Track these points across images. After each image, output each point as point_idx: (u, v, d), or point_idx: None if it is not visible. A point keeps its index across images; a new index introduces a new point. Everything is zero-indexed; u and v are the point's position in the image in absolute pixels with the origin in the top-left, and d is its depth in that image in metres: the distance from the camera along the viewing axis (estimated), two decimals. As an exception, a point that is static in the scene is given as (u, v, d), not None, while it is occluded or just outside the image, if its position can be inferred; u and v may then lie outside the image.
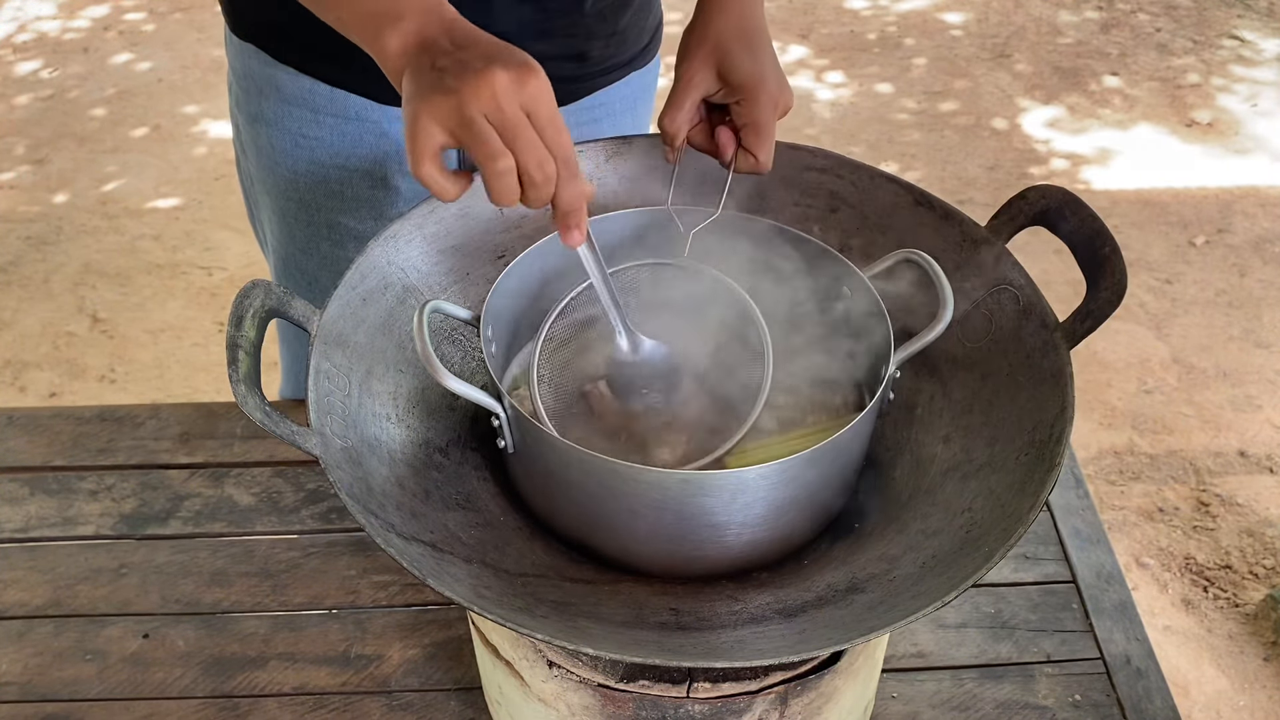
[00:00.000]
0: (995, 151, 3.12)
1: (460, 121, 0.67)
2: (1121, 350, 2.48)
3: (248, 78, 1.09)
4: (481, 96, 0.66)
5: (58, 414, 1.24)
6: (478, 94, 0.66)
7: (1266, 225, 2.86)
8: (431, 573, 0.70)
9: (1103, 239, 0.82)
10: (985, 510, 0.77)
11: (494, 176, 0.69)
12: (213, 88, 3.36)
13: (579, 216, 0.73)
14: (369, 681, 1.01)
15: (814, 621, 0.74)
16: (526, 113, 0.68)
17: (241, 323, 0.75)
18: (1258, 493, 2.16)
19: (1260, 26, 3.68)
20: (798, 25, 3.70)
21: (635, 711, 0.79)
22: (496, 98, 0.67)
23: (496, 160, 0.68)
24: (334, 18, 0.79)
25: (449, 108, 0.67)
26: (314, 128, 1.08)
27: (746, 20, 0.89)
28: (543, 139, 0.69)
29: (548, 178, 0.70)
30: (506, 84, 0.67)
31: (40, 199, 2.94)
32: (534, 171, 0.69)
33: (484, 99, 0.66)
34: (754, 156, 0.88)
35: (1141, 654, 1.03)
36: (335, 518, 1.14)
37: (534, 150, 0.68)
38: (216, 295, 2.62)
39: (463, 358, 0.93)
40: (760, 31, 0.90)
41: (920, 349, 0.80)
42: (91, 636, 1.05)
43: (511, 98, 0.67)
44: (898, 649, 1.04)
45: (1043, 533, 1.14)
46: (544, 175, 0.69)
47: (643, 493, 0.74)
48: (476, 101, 0.66)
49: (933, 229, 0.91)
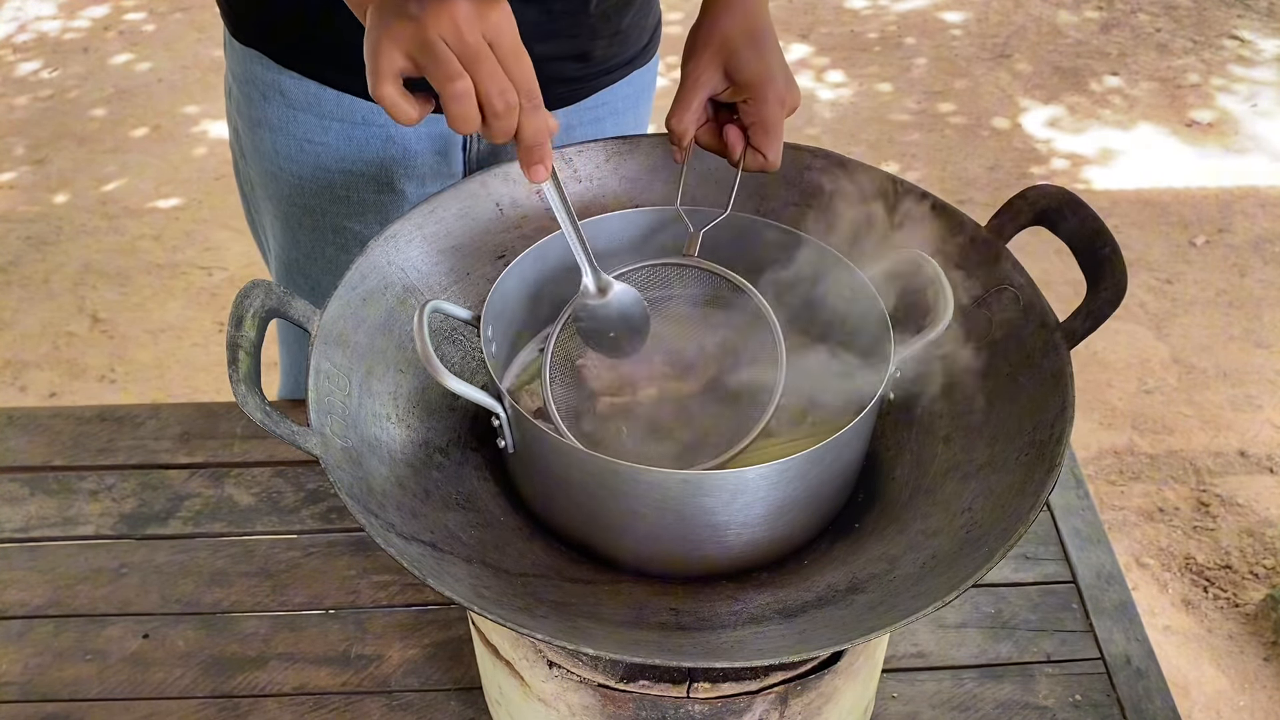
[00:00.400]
0: (995, 151, 3.12)
1: (419, 45, 0.68)
2: (1121, 350, 2.48)
3: (250, 83, 1.08)
4: (442, 22, 0.67)
5: (58, 414, 1.24)
6: (438, 19, 0.67)
7: (1266, 225, 2.86)
8: (431, 573, 0.70)
9: (1103, 239, 0.82)
10: (985, 510, 0.77)
11: (451, 99, 0.69)
12: (213, 88, 3.36)
13: (543, 150, 0.73)
14: (369, 681, 1.01)
15: (814, 621, 0.74)
16: (489, 42, 0.68)
17: (241, 323, 0.75)
18: (1258, 493, 2.16)
19: (1260, 26, 3.68)
20: (798, 25, 3.70)
21: (635, 711, 0.79)
22: (457, 23, 0.67)
23: (454, 81, 0.68)
24: None
25: (409, 32, 0.68)
26: (320, 133, 1.07)
27: (752, 19, 0.89)
28: (505, 68, 0.69)
29: (509, 106, 0.70)
30: (468, 11, 0.67)
31: (40, 199, 2.94)
32: (495, 100, 0.69)
33: (444, 24, 0.67)
34: (762, 155, 0.88)
35: (1141, 654, 1.03)
36: (335, 518, 1.14)
37: (495, 78, 0.69)
38: (216, 295, 2.62)
39: (463, 358, 0.93)
40: (766, 30, 0.90)
41: (920, 349, 0.80)
42: (91, 636, 1.05)
43: (473, 24, 0.67)
44: (898, 649, 1.04)
45: (1043, 533, 1.14)
46: (505, 104, 0.69)
47: (643, 493, 0.74)
48: (436, 26, 0.67)
49: (933, 229, 0.91)
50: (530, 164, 0.74)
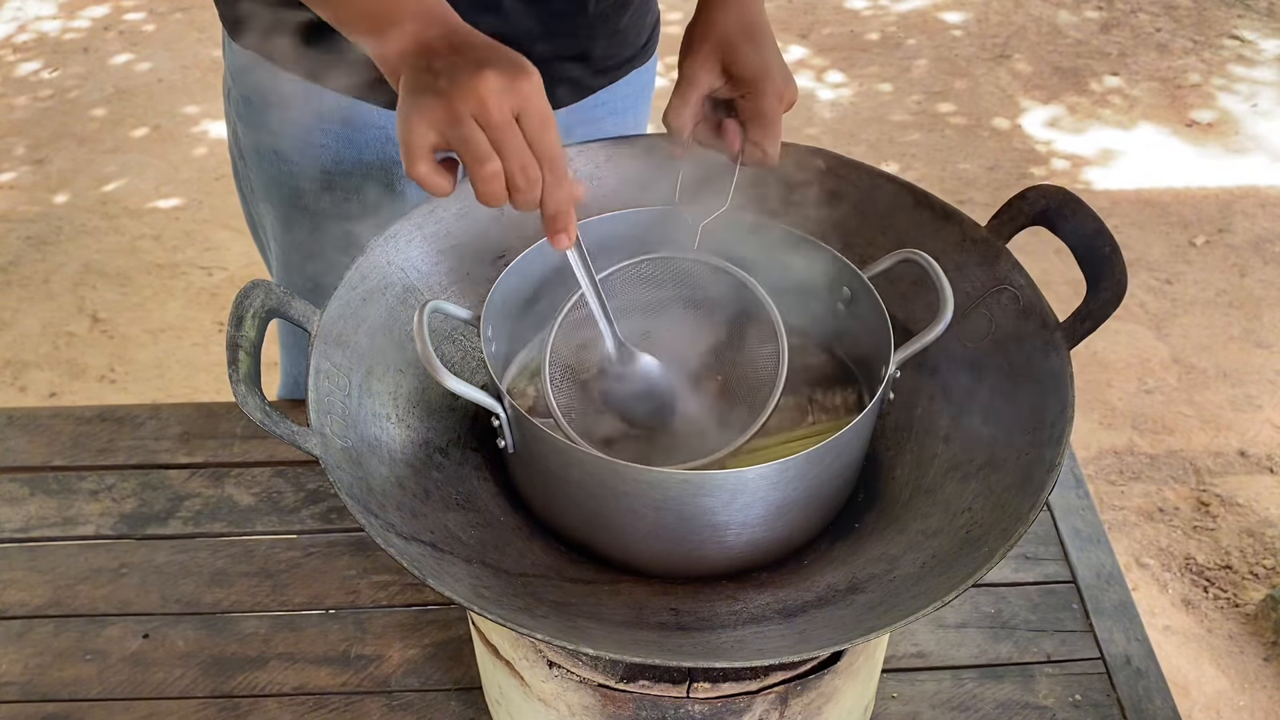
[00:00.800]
0: (995, 151, 3.12)
1: (450, 123, 0.68)
2: (1121, 350, 2.48)
3: (249, 86, 1.08)
4: (470, 99, 0.67)
5: (58, 414, 1.24)
6: (466, 97, 0.67)
7: (1266, 225, 2.86)
8: (431, 573, 0.70)
9: (1103, 239, 0.82)
10: (985, 510, 0.77)
11: (480, 180, 0.70)
12: (212, 88, 3.36)
13: (566, 220, 0.73)
14: (369, 681, 1.01)
15: (814, 621, 0.74)
16: (516, 115, 0.69)
17: (241, 323, 0.75)
18: (1258, 493, 2.16)
19: (1260, 26, 3.68)
20: (798, 25, 3.70)
21: (635, 711, 0.79)
22: (485, 100, 0.67)
23: (483, 164, 0.69)
24: (331, 15, 0.79)
25: (439, 109, 0.68)
26: (319, 135, 1.07)
27: (749, 15, 0.89)
28: (529, 142, 0.69)
29: (531, 182, 0.70)
30: (496, 86, 0.67)
31: (40, 199, 2.94)
32: (518, 177, 0.70)
33: (472, 101, 0.67)
34: (761, 150, 0.88)
35: (1141, 654, 1.03)
36: (335, 518, 1.14)
37: (519, 155, 0.69)
38: (216, 295, 2.62)
39: (463, 358, 0.93)
40: (763, 25, 0.90)
41: (920, 349, 0.80)
42: (91, 636, 1.05)
43: (501, 100, 0.68)
44: (898, 649, 1.04)
45: (1043, 533, 1.14)
46: (527, 180, 0.70)
47: (643, 493, 0.74)
48: (465, 104, 0.67)
49: (933, 229, 0.91)
50: (554, 233, 0.74)
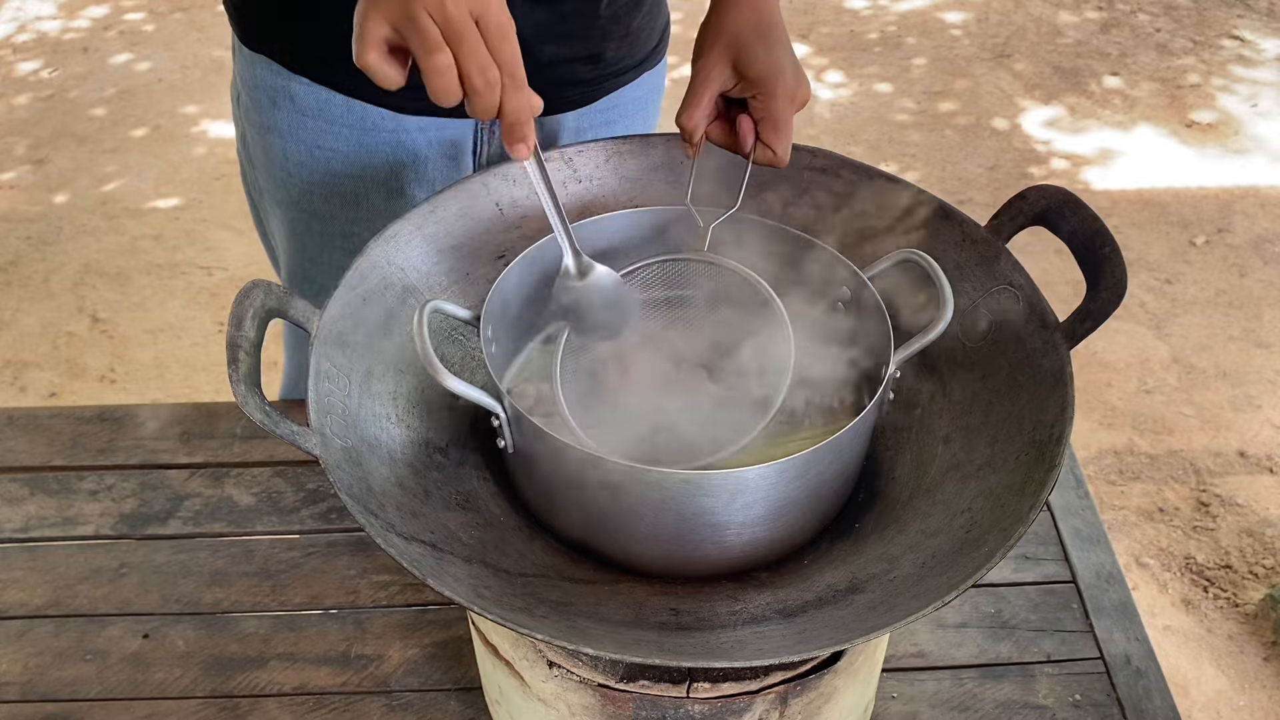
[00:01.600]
0: (995, 151, 3.12)
1: (404, 16, 0.68)
2: (1121, 350, 2.48)
3: (258, 88, 1.08)
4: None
5: (58, 414, 1.24)
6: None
7: (1266, 225, 2.86)
8: (431, 573, 0.70)
9: (1103, 239, 0.82)
10: (985, 510, 0.77)
11: (431, 72, 0.69)
12: (213, 88, 3.36)
13: (525, 129, 0.73)
14: (369, 681, 1.01)
15: (814, 621, 0.74)
16: (476, 18, 0.68)
17: (241, 323, 0.75)
18: (1258, 493, 2.16)
19: (1260, 26, 3.68)
20: (798, 25, 3.70)
21: (635, 711, 0.79)
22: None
23: (433, 54, 0.68)
24: None
25: (393, 3, 0.68)
26: (329, 139, 1.07)
27: (762, 14, 0.89)
28: (489, 45, 0.69)
29: (489, 84, 0.70)
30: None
31: (40, 199, 2.94)
32: (475, 77, 0.69)
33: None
34: (772, 150, 0.88)
35: (1141, 654, 1.03)
36: (335, 518, 1.14)
37: (476, 54, 0.69)
38: (216, 295, 2.62)
39: (463, 358, 0.93)
40: (776, 25, 0.89)
41: (920, 349, 0.80)
42: (91, 636, 1.05)
43: (460, 1, 0.68)
44: (898, 649, 1.04)
45: (1043, 533, 1.14)
46: (485, 81, 0.69)
47: (643, 493, 0.74)
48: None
49: (933, 229, 0.91)
50: (512, 142, 0.74)
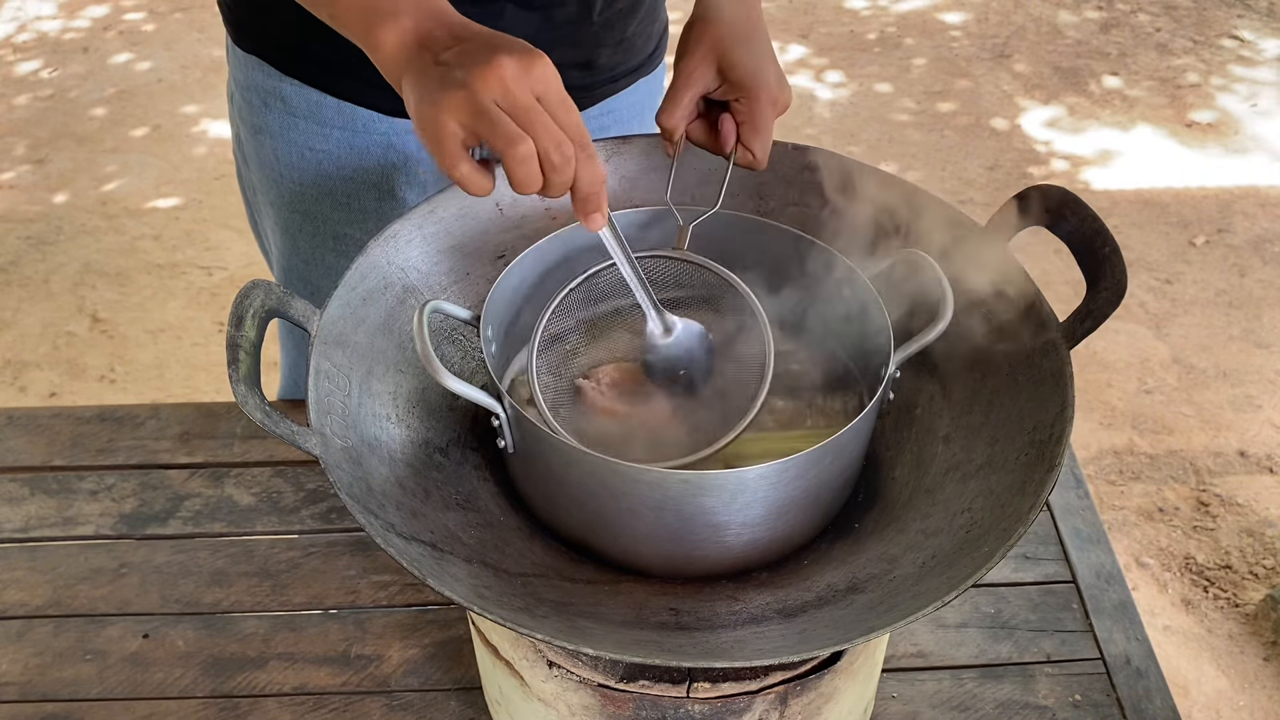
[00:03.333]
0: (995, 151, 3.12)
1: (475, 113, 0.66)
2: (1121, 350, 2.48)
3: (251, 90, 1.08)
4: (491, 85, 0.65)
5: (58, 414, 1.24)
6: (487, 83, 0.65)
7: (1266, 225, 2.86)
8: (431, 573, 0.70)
9: (1103, 239, 0.82)
10: (985, 510, 0.77)
11: (516, 163, 0.67)
12: (212, 88, 3.36)
13: (599, 200, 0.72)
14: (369, 681, 1.01)
15: (814, 621, 0.74)
16: (537, 97, 0.67)
17: (241, 323, 0.75)
18: (1258, 493, 2.16)
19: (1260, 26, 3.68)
20: (798, 25, 3.70)
21: (635, 711, 0.79)
22: (506, 84, 0.66)
23: (516, 146, 0.66)
24: (327, 14, 0.78)
25: (461, 101, 0.66)
26: (321, 141, 1.07)
27: (746, 18, 0.89)
28: (556, 121, 0.68)
29: (566, 159, 0.68)
30: (514, 70, 0.66)
31: (40, 199, 2.94)
32: (553, 154, 0.68)
33: (494, 87, 0.66)
34: (751, 154, 0.88)
35: (1141, 654, 1.03)
36: (335, 518, 1.14)
37: (551, 134, 0.67)
38: (216, 295, 2.62)
39: (463, 358, 0.93)
40: (759, 29, 0.90)
41: (920, 349, 0.80)
42: (91, 636, 1.05)
43: (522, 83, 0.66)
44: (898, 649, 1.04)
45: (1043, 533, 1.14)
46: (563, 157, 0.68)
47: (643, 493, 0.74)
48: (487, 91, 0.66)
49: (933, 229, 0.91)
50: (587, 213, 0.72)
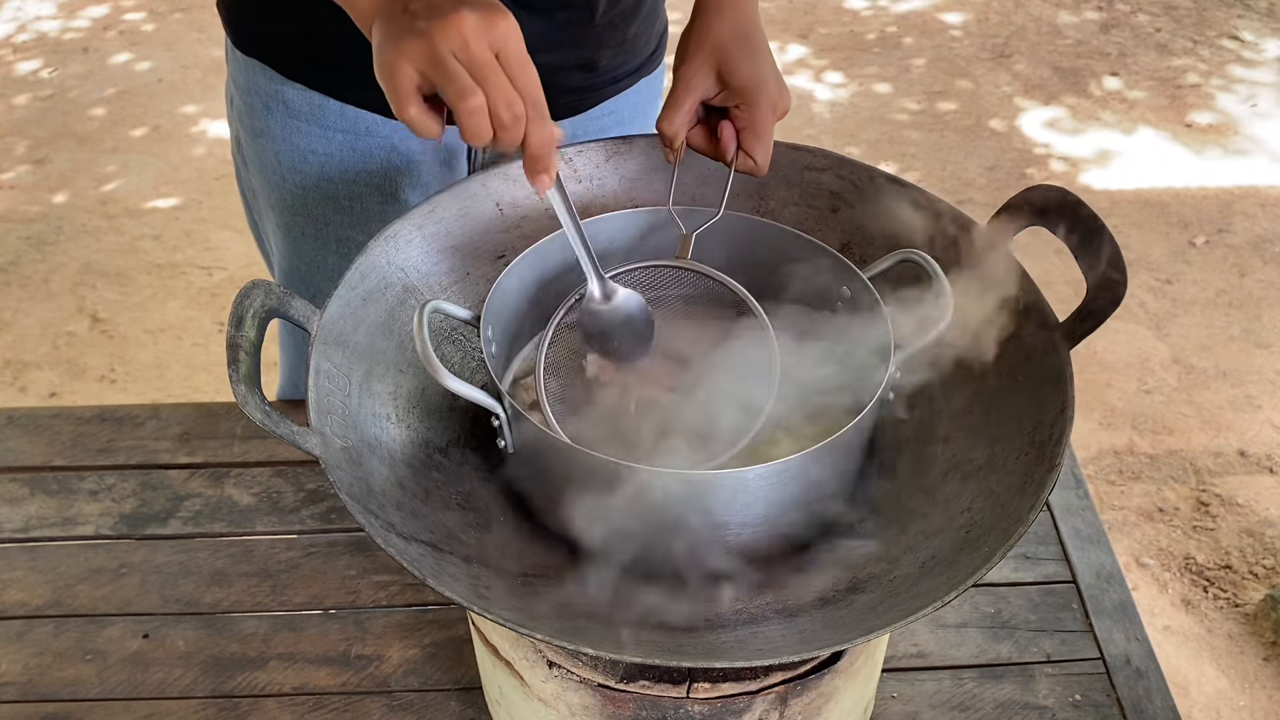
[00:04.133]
0: (995, 152, 3.12)
1: (431, 60, 0.69)
2: (1121, 350, 2.48)
3: (252, 93, 1.08)
4: (450, 36, 0.68)
5: (58, 414, 1.24)
6: (446, 34, 0.68)
7: (1266, 225, 2.86)
8: (431, 573, 0.70)
9: (1103, 239, 0.82)
10: (985, 510, 0.77)
11: (466, 114, 0.70)
12: (212, 88, 3.36)
13: (548, 160, 0.74)
14: (369, 681, 1.01)
15: (814, 621, 0.74)
16: (495, 53, 0.69)
17: (241, 323, 0.75)
18: (1258, 493, 2.16)
19: (1260, 26, 3.68)
20: (798, 25, 3.70)
21: (635, 711, 0.79)
22: (465, 37, 0.68)
23: (467, 98, 0.69)
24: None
25: (420, 48, 0.69)
26: (323, 144, 1.07)
27: (745, 23, 0.90)
28: (511, 80, 0.70)
29: (516, 118, 0.71)
30: (475, 24, 0.68)
31: (40, 199, 2.94)
32: (503, 111, 0.70)
33: (453, 38, 0.68)
34: (752, 159, 0.88)
35: (1141, 654, 1.03)
36: (335, 518, 1.14)
37: (502, 90, 0.70)
38: (216, 295, 2.62)
39: (463, 358, 0.93)
40: (758, 34, 0.90)
41: (920, 349, 0.80)
42: (91, 636, 1.05)
43: (480, 37, 0.69)
44: (898, 649, 1.04)
45: (1043, 533, 1.14)
46: (512, 115, 0.70)
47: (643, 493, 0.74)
48: (446, 41, 0.68)
49: (933, 229, 0.91)
50: (536, 173, 0.74)
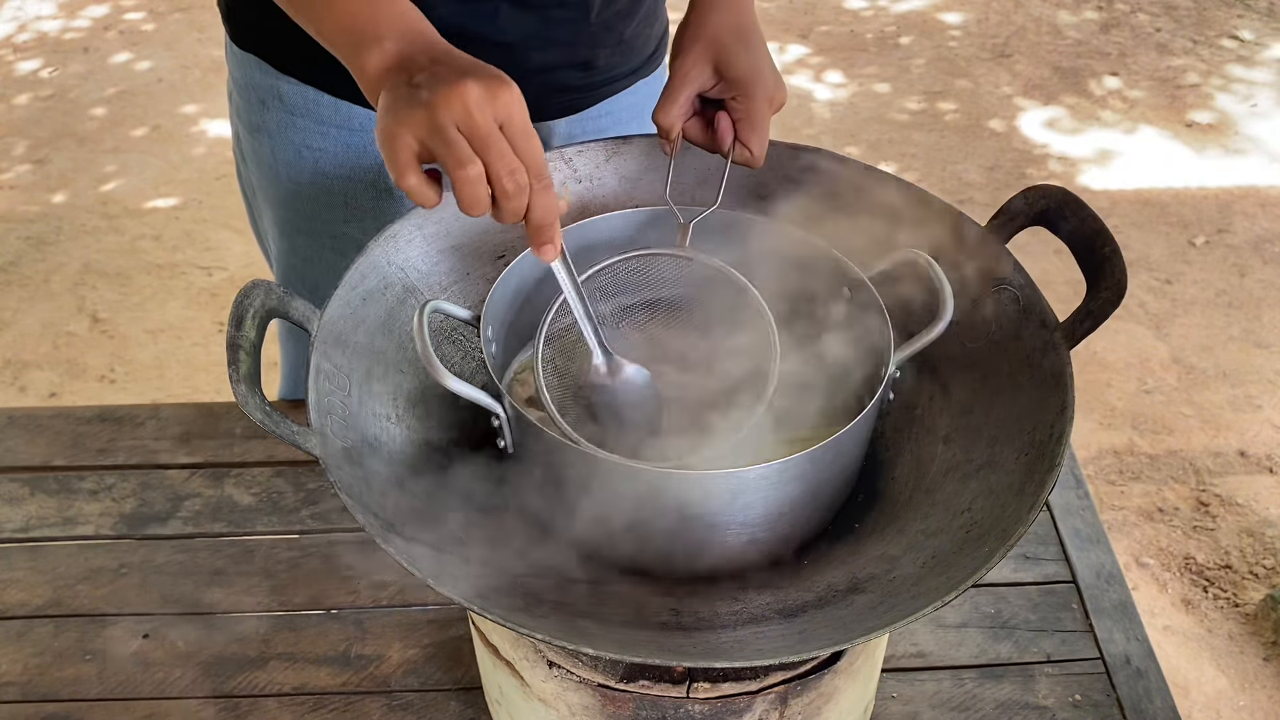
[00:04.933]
0: (995, 152, 3.12)
1: (431, 130, 0.68)
2: (1121, 350, 2.48)
3: (249, 88, 1.08)
4: (453, 106, 0.67)
5: (58, 414, 1.24)
6: (449, 104, 0.67)
7: (1266, 225, 2.86)
8: (431, 573, 0.70)
9: (1103, 239, 0.82)
10: (985, 510, 0.77)
11: (462, 182, 0.69)
12: (213, 88, 3.36)
13: (552, 231, 0.73)
14: (369, 681, 1.01)
15: (814, 621, 0.74)
16: (499, 124, 0.68)
17: (242, 323, 0.75)
18: (1258, 493, 2.16)
19: (1260, 26, 3.68)
20: (798, 25, 3.70)
21: (635, 711, 0.79)
22: (468, 107, 0.67)
23: (465, 166, 0.68)
24: (315, 30, 0.79)
25: (420, 118, 0.68)
26: (318, 139, 1.07)
27: (741, 17, 0.90)
28: (515, 150, 0.69)
29: (519, 188, 0.70)
30: (478, 94, 0.67)
31: (40, 199, 2.94)
32: (505, 181, 0.69)
33: (455, 108, 0.67)
34: (749, 151, 0.88)
35: (1141, 654, 1.03)
36: (335, 518, 1.14)
37: (505, 159, 0.69)
38: (216, 295, 2.62)
39: (463, 358, 0.93)
40: (754, 27, 0.90)
41: (920, 349, 0.80)
42: (91, 636, 1.05)
43: (484, 107, 0.68)
44: (898, 649, 1.04)
45: (1043, 533, 1.14)
46: (515, 185, 0.69)
47: (642, 492, 0.74)
48: (448, 111, 0.67)
49: (933, 229, 0.91)
50: (540, 244, 0.73)
